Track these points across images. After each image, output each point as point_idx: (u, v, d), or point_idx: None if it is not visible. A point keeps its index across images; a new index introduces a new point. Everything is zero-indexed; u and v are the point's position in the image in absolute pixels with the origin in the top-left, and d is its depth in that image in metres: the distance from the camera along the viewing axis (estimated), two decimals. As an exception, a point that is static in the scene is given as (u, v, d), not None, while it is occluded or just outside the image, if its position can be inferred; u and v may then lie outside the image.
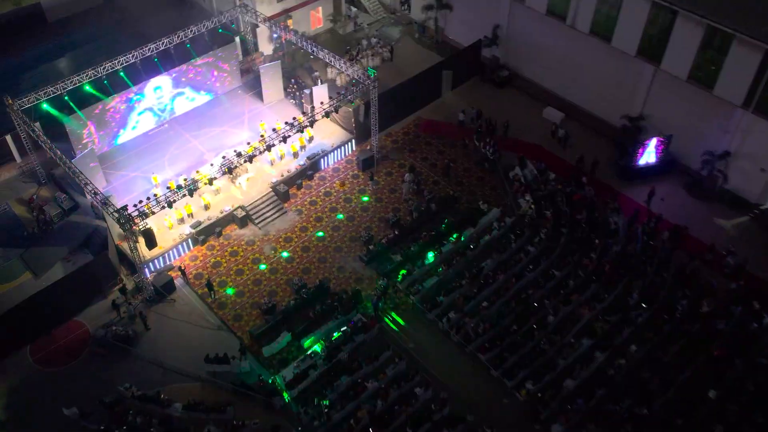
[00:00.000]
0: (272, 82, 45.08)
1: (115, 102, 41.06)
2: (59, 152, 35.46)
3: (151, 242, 33.69)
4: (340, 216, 39.17)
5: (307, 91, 43.93)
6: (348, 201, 40.40)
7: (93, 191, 33.09)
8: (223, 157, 36.76)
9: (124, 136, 42.87)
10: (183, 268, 36.10)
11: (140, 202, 32.64)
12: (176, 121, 44.45)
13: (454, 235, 37.35)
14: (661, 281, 34.49)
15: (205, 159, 40.95)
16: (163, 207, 33.24)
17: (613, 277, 34.71)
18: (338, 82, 47.16)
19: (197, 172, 34.69)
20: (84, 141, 40.64)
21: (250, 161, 36.11)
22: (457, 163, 42.49)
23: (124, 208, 31.86)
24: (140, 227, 32.72)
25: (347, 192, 40.96)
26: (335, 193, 40.90)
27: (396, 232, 37.65)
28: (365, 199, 40.30)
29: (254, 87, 46.48)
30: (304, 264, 37.01)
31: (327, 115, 38.22)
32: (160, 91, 42.83)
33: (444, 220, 38.10)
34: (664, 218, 37.31)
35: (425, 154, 43.16)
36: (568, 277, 35.18)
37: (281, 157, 41.44)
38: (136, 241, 32.92)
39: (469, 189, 40.86)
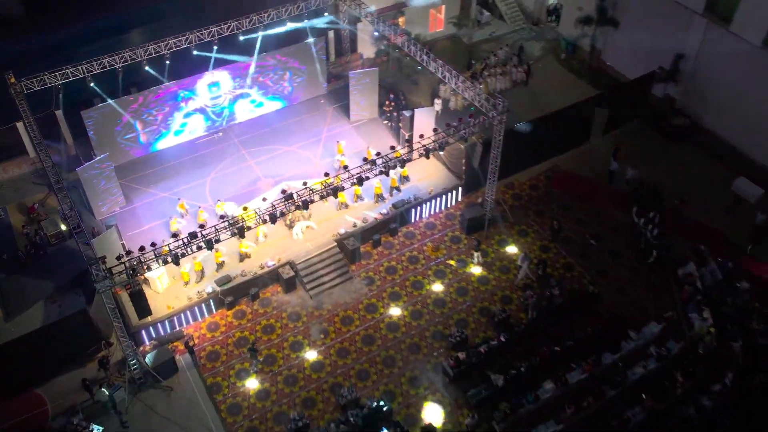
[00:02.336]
0: (364, 95, 34.19)
1: (156, 96, 31.47)
2: (50, 158, 25.77)
3: (143, 309, 23.17)
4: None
5: (407, 113, 32.57)
6: (440, 275, 28.73)
7: (77, 224, 23.00)
8: (264, 199, 26.06)
9: (164, 142, 33.13)
10: (192, 344, 25.52)
11: (129, 253, 22.18)
12: (233, 131, 34.30)
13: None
14: None
15: (259, 187, 30.59)
16: (167, 262, 22.68)
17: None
18: (453, 104, 35.69)
19: (222, 218, 24.12)
20: (109, 142, 31.30)
21: (306, 208, 25.08)
22: (603, 241, 29.89)
23: (103, 259, 21.38)
24: (130, 285, 22.39)
25: (440, 261, 29.30)
26: (424, 260, 29.33)
27: (502, 338, 25.68)
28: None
29: (341, 98, 35.65)
30: (362, 363, 25.64)
31: (426, 154, 26.58)
32: (216, 90, 32.97)
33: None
34: None
35: (557, 220, 30.76)
36: (765, 461, 22.35)
37: (356, 199, 30.36)
38: (117, 306, 22.73)
39: (617, 285, 28.22)
